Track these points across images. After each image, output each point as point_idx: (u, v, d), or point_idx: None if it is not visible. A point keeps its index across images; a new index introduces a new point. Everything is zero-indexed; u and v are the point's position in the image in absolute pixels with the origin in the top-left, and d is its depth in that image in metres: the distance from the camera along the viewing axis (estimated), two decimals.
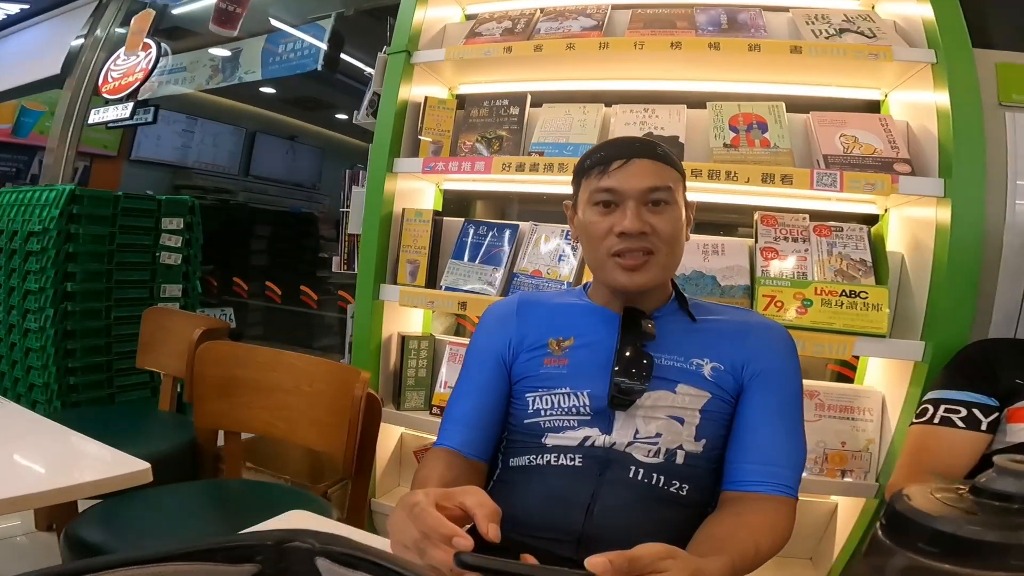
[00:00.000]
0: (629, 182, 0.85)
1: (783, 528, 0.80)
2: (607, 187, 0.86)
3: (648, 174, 0.85)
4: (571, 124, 1.66)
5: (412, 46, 1.73)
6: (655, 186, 0.85)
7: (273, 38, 3.15)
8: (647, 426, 0.85)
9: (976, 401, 1.08)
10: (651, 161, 0.86)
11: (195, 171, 5.31)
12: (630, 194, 0.85)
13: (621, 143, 0.90)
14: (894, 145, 1.38)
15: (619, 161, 0.86)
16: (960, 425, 1.07)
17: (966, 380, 1.10)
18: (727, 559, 0.69)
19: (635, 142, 0.89)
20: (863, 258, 1.40)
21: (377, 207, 1.68)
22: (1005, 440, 1.05)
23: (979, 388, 1.08)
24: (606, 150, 0.89)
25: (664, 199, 0.86)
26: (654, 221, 0.85)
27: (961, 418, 1.07)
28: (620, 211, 0.86)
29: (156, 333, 1.91)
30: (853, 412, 1.45)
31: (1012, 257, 1.35)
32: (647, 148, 0.88)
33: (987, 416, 1.06)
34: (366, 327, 1.67)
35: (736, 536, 0.75)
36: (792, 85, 1.58)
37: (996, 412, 1.06)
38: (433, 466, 0.87)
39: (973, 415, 1.07)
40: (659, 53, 1.49)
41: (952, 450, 1.07)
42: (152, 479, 0.90)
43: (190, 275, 2.50)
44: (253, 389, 1.34)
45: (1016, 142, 1.36)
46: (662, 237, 0.85)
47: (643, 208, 0.85)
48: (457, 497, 0.65)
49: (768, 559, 0.77)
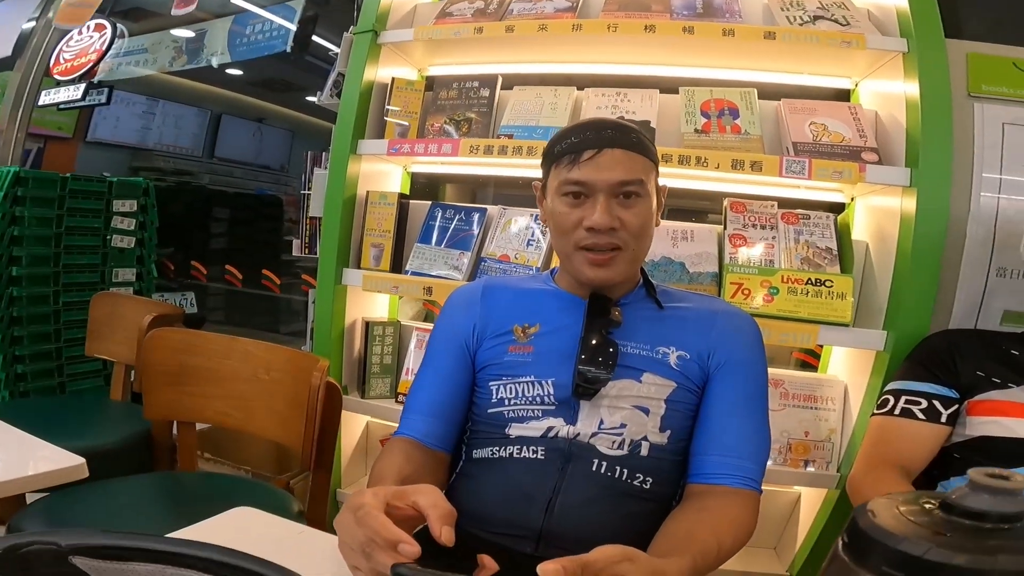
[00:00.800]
0: (600, 175, 0.82)
1: (746, 523, 0.79)
2: (577, 179, 0.84)
3: (620, 166, 0.83)
4: (542, 107, 1.62)
5: (380, 26, 1.67)
6: (626, 180, 0.83)
7: (240, 19, 3.05)
8: (612, 416, 0.83)
9: (936, 393, 1.08)
10: (623, 151, 0.83)
11: (156, 153, 5.14)
12: (600, 187, 0.83)
13: (593, 128, 0.85)
14: (862, 134, 1.39)
15: (590, 151, 0.83)
16: (920, 417, 1.07)
17: (927, 371, 1.11)
18: (688, 559, 0.68)
19: (607, 128, 0.85)
20: (829, 246, 1.40)
21: (340, 189, 1.62)
22: (964, 433, 1.06)
23: (940, 380, 1.09)
24: (577, 135, 0.85)
25: (635, 192, 0.84)
26: (624, 215, 0.83)
27: (922, 410, 1.08)
28: (590, 204, 0.83)
29: (106, 319, 1.84)
30: (816, 401, 1.46)
31: (975, 248, 1.37)
32: (620, 137, 0.84)
33: (947, 408, 1.07)
34: (328, 313, 1.62)
35: (698, 534, 0.74)
36: (765, 72, 1.57)
37: (956, 404, 1.07)
38: (391, 459, 0.84)
39: (933, 407, 1.07)
40: (633, 36, 1.46)
41: (912, 442, 1.07)
42: (87, 475, 0.85)
43: (145, 259, 2.40)
44: (207, 378, 1.29)
45: (984, 133, 1.36)
46: (631, 231, 0.84)
47: (613, 201, 0.83)
48: (410, 496, 0.63)
49: (731, 555, 0.76)
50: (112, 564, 0.33)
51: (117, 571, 0.33)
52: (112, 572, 0.33)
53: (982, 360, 1.08)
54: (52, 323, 2.14)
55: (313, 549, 0.68)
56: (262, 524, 0.73)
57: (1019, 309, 1.36)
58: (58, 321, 2.16)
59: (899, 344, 1.25)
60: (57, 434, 0.95)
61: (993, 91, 1.37)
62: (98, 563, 0.33)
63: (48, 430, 0.96)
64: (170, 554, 0.33)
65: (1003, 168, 1.35)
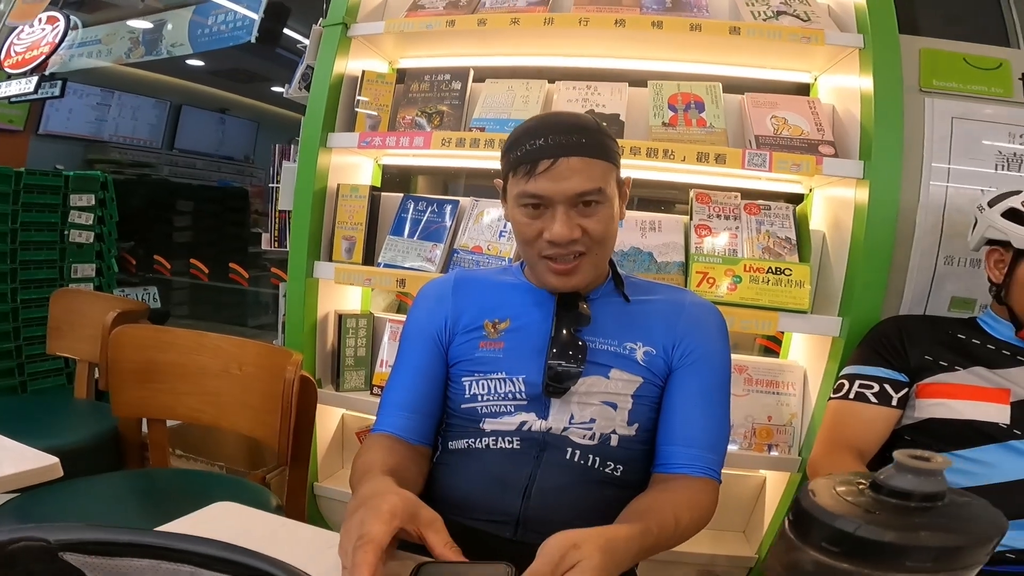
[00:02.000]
0: (557, 187, 0.79)
1: (705, 506, 0.81)
2: (534, 192, 0.81)
3: (577, 176, 0.79)
4: (513, 100, 1.63)
5: (350, 18, 1.66)
6: (585, 190, 0.80)
7: (201, 9, 2.98)
8: (582, 411, 0.85)
9: (887, 377, 1.11)
10: (580, 159, 0.79)
11: (112, 145, 4.96)
12: (558, 200, 0.80)
13: (549, 133, 0.80)
14: (820, 127, 1.44)
15: (546, 162, 0.79)
16: (873, 400, 1.10)
17: (879, 356, 1.14)
18: (641, 525, 0.70)
19: (562, 134, 0.80)
20: (788, 236, 1.46)
21: (309, 183, 1.61)
22: (914, 416, 1.09)
23: (890, 364, 1.12)
24: (533, 141, 0.81)
25: (595, 199, 0.81)
26: (585, 223, 0.81)
27: (874, 393, 1.10)
28: (549, 215, 0.81)
29: (66, 317, 1.79)
30: (778, 387, 1.51)
31: (924, 236, 1.43)
32: (576, 143, 0.80)
33: (897, 392, 1.10)
34: (299, 306, 1.61)
35: (657, 508, 0.76)
36: (730, 66, 1.61)
37: (906, 388, 1.10)
38: (374, 453, 0.84)
39: (885, 391, 1.10)
40: (603, 30, 1.48)
41: (866, 425, 1.10)
42: (62, 474, 0.83)
43: (104, 254, 2.33)
44: (176, 374, 1.27)
45: (934, 126, 1.42)
46: (594, 238, 0.82)
47: (572, 211, 0.81)
48: (422, 528, 0.62)
49: (690, 534, 0.78)
50: (103, 560, 0.32)
51: (108, 567, 0.32)
52: (103, 568, 0.32)
53: (930, 344, 1.11)
54: (11, 321, 2.08)
55: (296, 542, 0.68)
56: (244, 519, 0.73)
57: (965, 295, 1.43)
58: (16, 319, 2.09)
59: (853, 330, 1.30)
60: (23, 433, 0.92)
61: (943, 86, 1.43)
62: (89, 559, 0.32)
63: (13, 430, 0.94)
64: (164, 549, 0.32)
65: (951, 159, 1.42)
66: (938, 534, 0.35)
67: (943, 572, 0.35)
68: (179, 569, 0.32)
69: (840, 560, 0.37)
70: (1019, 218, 1.02)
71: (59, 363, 2.19)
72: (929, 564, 0.35)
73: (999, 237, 1.06)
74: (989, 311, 1.14)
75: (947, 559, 0.35)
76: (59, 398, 1.91)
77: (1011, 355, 1.07)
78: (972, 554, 0.36)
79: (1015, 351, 1.07)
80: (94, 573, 0.32)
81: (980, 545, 0.36)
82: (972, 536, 0.36)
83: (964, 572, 0.36)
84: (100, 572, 0.32)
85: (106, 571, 0.32)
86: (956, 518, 0.37)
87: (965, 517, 0.37)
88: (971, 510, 0.38)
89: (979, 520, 0.37)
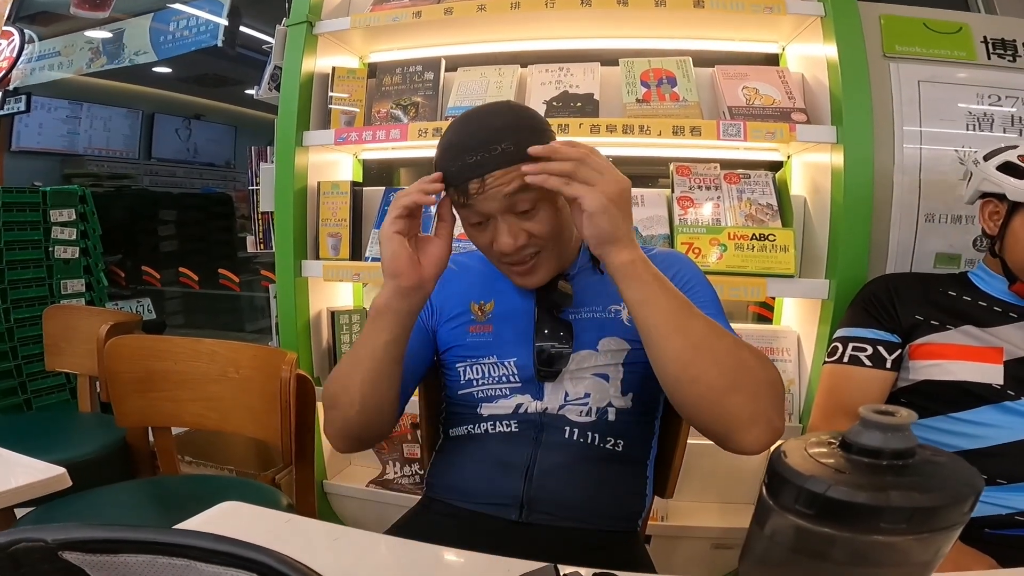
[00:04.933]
0: (491, 204, 0.77)
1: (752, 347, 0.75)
2: (471, 215, 0.80)
3: (506, 186, 0.76)
4: (487, 86, 1.64)
5: (314, 16, 1.65)
6: (516, 200, 0.77)
7: (161, 16, 2.94)
8: (575, 387, 0.86)
9: (880, 338, 1.10)
10: (504, 172, 0.76)
11: (88, 158, 4.90)
12: (497, 212, 0.78)
13: (467, 153, 0.77)
14: (791, 96, 1.46)
15: (475, 183, 0.76)
16: (867, 363, 1.09)
17: (870, 317, 1.12)
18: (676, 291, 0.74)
19: (480, 150, 0.76)
20: (770, 203, 1.48)
21: (288, 182, 1.62)
22: (908, 377, 1.08)
23: (882, 325, 1.11)
24: (454, 160, 0.78)
25: (531, 201, 0.78)
26: (529, 227, 0.80)
27: (867, 356, 1.09)
28: (493, 226, 0.80)
29: (61, 333, 1.80)
30: (773, 353, 1.52)
31: (903, 195, 1.45)
32: (496, 157, 0.76)
33: (891, 353, 1.08)
34: (290, 306, 1.62)
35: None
36: (699, 40, 1.62)
37: (899, 349, 1.09)
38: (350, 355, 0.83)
39: (878, 352, 1.09)
40: (571, 11, 1.49)
41: (861, 389, 1.08)
42: (70, 484, 0.85)
43: (92, 268, 2.33)
44: (176, 381, 1.28)
45: (901, 90, 1.44)
46: (543, 236, 0.81)
47: (514, 218, 0.79)
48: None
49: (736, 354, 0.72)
50: (103, 557, 0.32)
51: (108, 564, 0.33)
52: (104, 565, 0.33)
53: (920, 304, 1.10)
54: (7, 341, 2.08)
55: (302, 536, 0.70)
56: (250, 516, 0.74)
57: (950, 251, 1.45)
58: (12, 339, 2.10)
59: (841, 291, 1.32)
60: (31, 449, 0.94)
61: (907, 51, 1.45)
62: (89, 557, 0.32)
63: (22, 446, 0.95)
64: (161, 544, 0.32)
65: (922, 122, 1.44)
66: (910, 494, 0.34)
67: (920, 533, 0.34)
68: (175, 563, 0.33)
69: (816, 524, 0.35)
70: (1014, 171, 1.02)
71: (60, 379, 2.21)
72: (903, 525, 0.34)
73: (994, 190, 1.06)
74: (982, 265, 1.13)
75: (921, 520, 0.34)
76: (64, 413, 1.93)
77: (1002, 312, 1.06)
78: (947, 515, 0.34)
79: (1006, 308, 1.06)
80: (94, 570, 0.33)
81: (955, 505, 0.34)
82: (945, 496, 0.34)
83: (943, 534, 0.35)
84: (100, 569, 0.33)
85: (105, 568, 0.33)
86: (929, 477, 0.35)
87: (938, 476, 0.35)
88: (944, 469, 0.36)
89: (952, 479, 0.35)
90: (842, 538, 0.34)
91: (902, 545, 0.34)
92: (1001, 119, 1.43)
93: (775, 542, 0.38)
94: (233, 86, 5.22)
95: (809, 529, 0.35)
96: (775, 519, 0.37)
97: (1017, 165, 1.02)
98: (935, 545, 0.35)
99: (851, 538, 0.34)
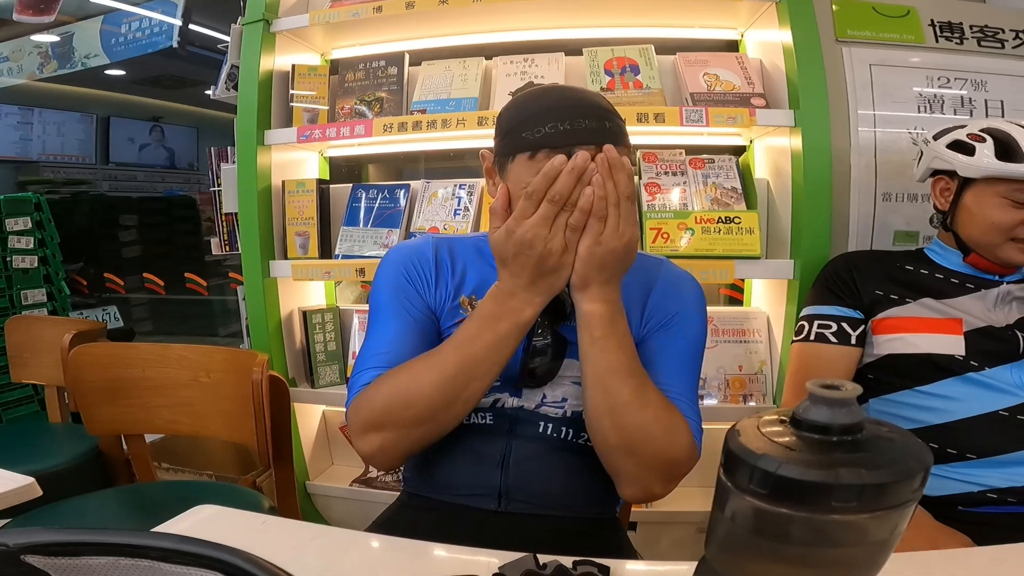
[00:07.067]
0: None
1: (677, 425, 0.75)
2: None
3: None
4: (452, 80, 1.63)
5: (271, 14, 1.63)
6: None
7: (111, 18, 2.87)
8: (554, 392, 0.85)
9: (843, 315, 1.12)
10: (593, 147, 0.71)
11: (43, 164, 4.75)
12: None
13: (566, 117, 0.72)
14: (750, 81, 1.49)
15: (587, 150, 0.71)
16: (832, 340, 1.10)
17: (832, 294, 1.15)
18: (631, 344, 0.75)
19: (583, 118, 0.72)
20: (734, 186, 1.51)
21: (252, 182, 1.59)
22: (873, 352, 1.09)
23: (844, 302, 1.13)
24: (547, 123, 0.72)
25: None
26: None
27: (833, 333, 1.11)
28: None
29: (26, 344, 1.78)
30: (745, 335, 1.55)
31: (860, 176, 1.49)
32: (598, 129, 0.72)
33: (855, 329, 1.10)
34: (260, 307, 1.60)
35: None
36: (660, 27, 1.64)
37: (862, 325, 1.11)
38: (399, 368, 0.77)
39: (843, 329, 1.11)
40: (533, 2, 1.49)
41: (829, 366, 1.10)
42: (40, 494, 0.83)
43: (53, 277, 2.26)
44: (146, 388, 1.26)
45: (854, 74, 1.47)
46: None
47: None
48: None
49: (645, 426, 0.72)
50: (66, 560, 0.33)
51: (71, 566, 0.33)
52: (67, 568, 0.33)
53: (879, 279, 1.12)
54: None
55: (279, 536, 0.69)
56: (224, 518, 0.72)
57: (907, 229, 1.49)
58: None
59: (805, 270, 1.35)
60: (3, 461, 0.93)
61: (858, 35, 1.48)
62: (52, 560, 0.32)
63: None
64: (122, 545, 0.33)
65: (875, 105, 1.47)
66: (858, 471, 0.33)
67: (873, 511, 0.34)
68: (138, 564, 0.33)
69: (771, 503, 0.34)
70: (963, 148, 1.05)
71: (28, 390, 2.17)
72: (854, 503, 0.33)
73: (944, 167, 1.09)
74: (937, 240, 1.16)
75: (871, 497, 0.33)
76: (35, 424, 1.91)
77: (959, 283, 1.09)
78: (897, 491, 0.34)
79: (963, 279, 1.09)
80: (58, 573, 0.33)
81: (904, 482, 0.34)
82: (894, 472, 0.34)
83: (896, 511, 0.34)
84: (63, 572, 0.33)
85: (69, 571, 0.33)
86: (878, 453, 0.35)
87: (887, 452, 0.35)
88: (893, 445, 0.36)
89: (901, 455, 0.35)
90: (798, 517, 0.34)
91: (857, 523, 0.34)
92: (951, 101, 1.48)
93: (736, 524, 0.37)
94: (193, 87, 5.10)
95: (766, 510, 0.35)
96: (734, 500, 0.37)
97: (966, 143, 1.06)
98: (891, 522, 0.35)
99: (807, 517, 0.34)
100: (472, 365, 0.74)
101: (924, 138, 1.16)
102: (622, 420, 0.73)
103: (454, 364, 0.74)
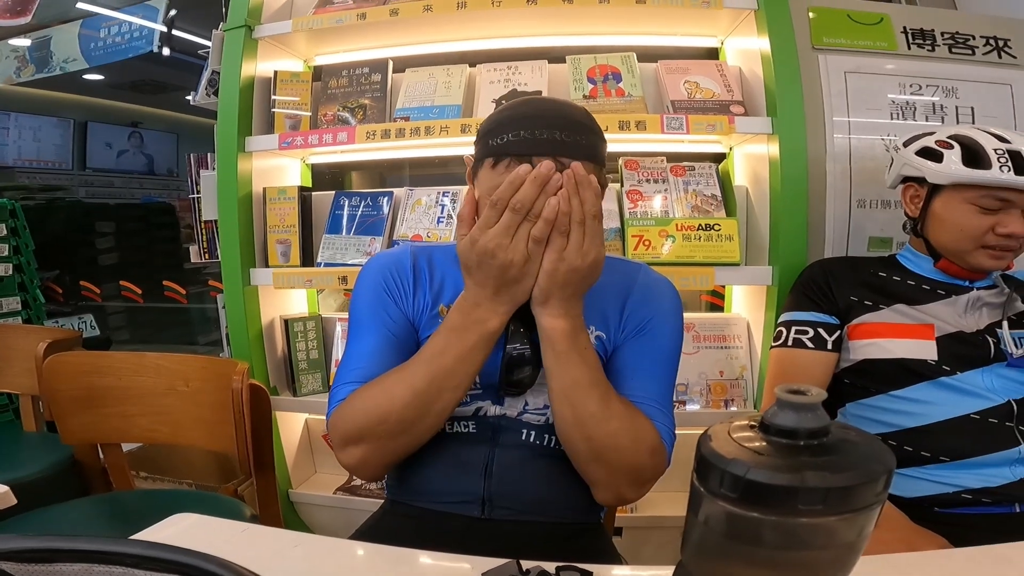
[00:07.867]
0: None
1: (644, 433, 0.77)
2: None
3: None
4: (436, 87, 1.64)
5: (253, 20, 1.62)
6: None
7: (90, 23, 2.84)
8: (535, 399, 0.85)
9: (820, 321, 1.13)
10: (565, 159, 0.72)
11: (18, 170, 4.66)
12: None
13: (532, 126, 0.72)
14: (729, 89, 1.51)
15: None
16: (810, 346, 1.12)
17: (809, 300, 1.16)
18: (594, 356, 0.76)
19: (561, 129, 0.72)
20: (714, 193, 1.53)
21: (232, 190, 1.57)
22: (849, 358, 1.11)
23: (821, 308, 1.14)
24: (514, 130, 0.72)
25: None
26: None
27: (810, 338, 1.12)
28: None
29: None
30: (725, 340, 1.57)
31: (836, 183, 1.51)
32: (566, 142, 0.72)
33: (831, 335, 1.12)
34: (240, 315, 1.59)
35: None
36: (642, 35, 1.66)
37: (838, 330, 1.12)
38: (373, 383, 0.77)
39: (819, 335, 1.12)
40: (517, 10, 1.50)
41: (807, 371, 1.11)
42: (15, 502, 0.82)
43: (27, 285, 2.22)
44: (122, 397, 1.24)
45: (829, 81, 1.50)
46: None
47: None
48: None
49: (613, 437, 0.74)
50: (38, 567, 0.32)
51: (44, 573, 0.33)
52: (40, 574, 0.33)
53: (854, 285, 1.13)
54: None
55: (260, 544, 0.68)
56: (203, 526, 0.71)
57: (881, 235, 1.52)
58: None
59: (783, 276, 1.37)
60: None
61: (833, 43, 1.52)
62: (24, 567, 0.32)
63: None
64: (95, 552, 0.32)
65: (850, 112, 1.50)
66: (823, 474, 0.34)
67: (839, 513, 0.34)
68: (112, 571, 0.33)
69: (742, 507, 0.35)
70: (932, 155, 1.07)
71: (3, 399, 2.11)
72: (819, 507, 0.34)
73: (914, 174, 1.11)
74: (908, 247, 1.18)
75: (836, 500, 0.34)
76: (9, 433, 1.85)
77: (931, 289, 1.10)
78: (861, 494, 0.34)
79: (934, 285, 1.11)
80: None
81: (867, 484, 0.34)
82: (858, 475, 0.34)
83: (862, 513, 0.35)
84: None
85: None
86: (843, 455, 0.36)
87: (852, 455, 0.36)
88: (858, 448, 0.37)
89: (865, 458, 0.36)
90: (768, 521, 0.35)
91: (825, 526, 0.35)
92: (923, 108, 1.51)
93: (710, 528, 0.38)
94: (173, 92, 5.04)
95: (737, 513, 0.36)
96: (707, 505, 0.37)
97: (935, 150, 1.08)
98: (857, 524, 0.35)
99: (776, 521, 0.35)
100: (443, 378, 0.74)
101: (894, 145, 1.19)
102: (589, 432, 0.75)
103: (424, 378, 0.75)
